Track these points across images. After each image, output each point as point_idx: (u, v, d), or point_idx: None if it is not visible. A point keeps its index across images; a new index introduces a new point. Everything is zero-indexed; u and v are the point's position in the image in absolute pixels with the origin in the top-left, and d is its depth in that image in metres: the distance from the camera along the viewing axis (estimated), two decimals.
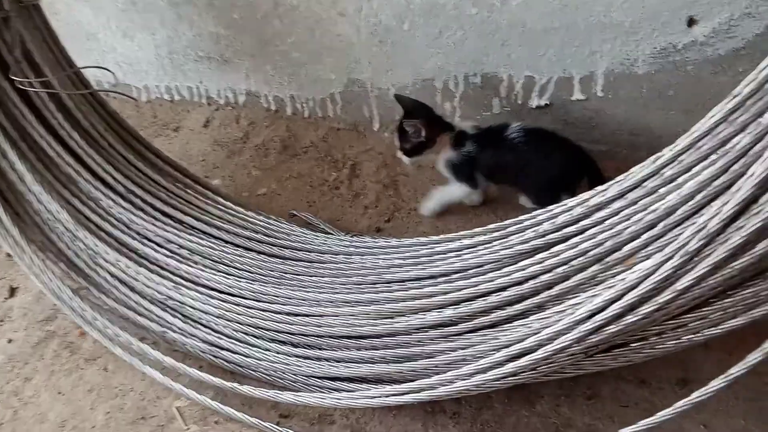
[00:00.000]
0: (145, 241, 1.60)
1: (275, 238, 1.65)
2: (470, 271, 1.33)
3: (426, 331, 1.30)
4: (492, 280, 1.27)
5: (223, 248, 1.60)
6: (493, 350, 1.20)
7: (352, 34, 1.98)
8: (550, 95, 1.87)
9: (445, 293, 1.30)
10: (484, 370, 1.18)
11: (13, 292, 1.82)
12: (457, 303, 1.29)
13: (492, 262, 1.32)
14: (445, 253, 1.43)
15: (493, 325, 1.25)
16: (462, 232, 1.48)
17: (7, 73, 1.64)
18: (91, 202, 1.63)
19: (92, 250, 1.57)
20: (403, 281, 1.41)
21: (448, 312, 1.28)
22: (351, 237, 1.68)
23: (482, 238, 1.40)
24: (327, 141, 2.24)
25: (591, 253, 1.17)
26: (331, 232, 1.79)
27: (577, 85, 1.82)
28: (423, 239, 1.53)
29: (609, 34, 1.70)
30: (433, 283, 1.36)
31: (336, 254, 1.58)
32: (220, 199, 1.76)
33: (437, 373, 1.24)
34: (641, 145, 1.86)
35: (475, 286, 1.28)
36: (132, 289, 1.55)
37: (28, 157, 1.62)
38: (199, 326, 1.50)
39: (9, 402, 1.52)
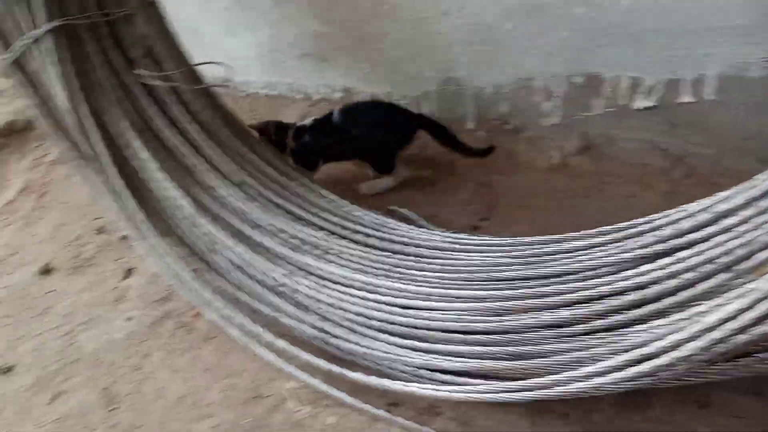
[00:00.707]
0: (260, 228, 1.68)
1: (381, 232, 1.70)
2: (585, 273, 1.34)
3: (539, 331, 1.32)
4: (610, 284, 1.27)
5: (332, 239, 1.66)
6: (612, 354, 1.20)
7: (452, 33, 2.01)
8: (657, 97, 1.84)
9: (560, 294, 1.31)
10: (603, 373, 1.18)
11: (128, 273, 1.94)
12: (572, 304, 1.30)
13: (608, 266, 1.32)
14: (553, 254, 1.44)
15: (610, 329, 1.25)
16: (569, 234, 1.48)
17: (132, 68, 1.75)
18: (209, 190, 1.72)
19: (210, 236, 1.66)
20: (512, 280, 1.42)
21: (564, 313, 1.29)
22: (453, 234, 1.70)
23: (595, 240, 1.40)
24: (421, 138, 2.27)
25: (719, 260, 1.16)
26: (430, 228, 1.82)
27: (687, 88, 1.79)
28: (528, 239, 1.54)
29: (723, 37, 1.66)
30: (544, 283, 1.37)
31: (442, 250, 1.61)
32: (325, 193, 1.83)
33: (551, 373, 1.25)
34: (750, 151, 1.81)
35: (592, 288, 1.28)
36: (247, 274, 1.63)
37: (152, 146, 1.73)
38: (311, 313, 1.56)
39: (131, 376, 1.63)
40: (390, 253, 1.62)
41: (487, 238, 1.64)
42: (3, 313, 1.87)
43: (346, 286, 1.57)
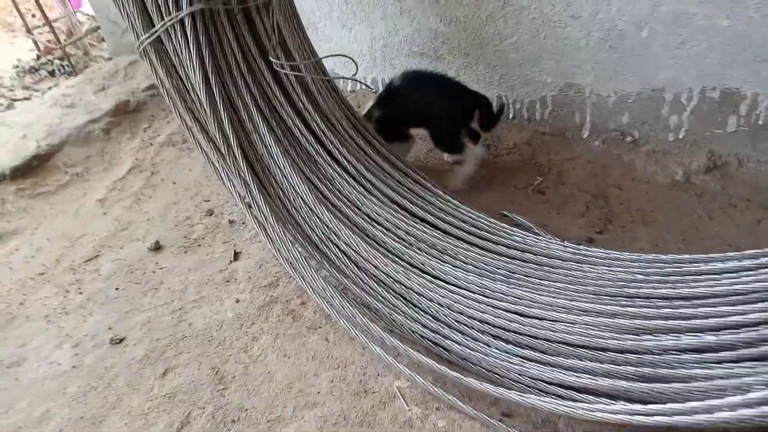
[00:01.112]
0: (375, 224, 1.67)
1: (497, 236, 1.66)
2: (732, 298, 1.25)
3: (679, 354, 1.24)
4: (764, 311, 1.18)
5: (448, 240, 1.64)
6: (764, 385, 1.12)
7: (580, 38, 1.94)
8: None
9: (706, 317, 1.23)
10: (751, 404, 1.10)
11: (237, 256, 1.97)
12: (719, 329, 1.22)
13: (759, 292, 1.23)
14: (696, 275, 1.36)
15: (763, 358, 1.16)
16: (712, 255, 1.40)
17: (266, 55, 1.78)
18: (327, 181, 1.73)
19: (327, 226, 1.67)
20: (649, 298, 1.35)
21: (709, 338, 1.21)
22: (577, 245, 1.64)
23: (743, 263, 1.31)
24: (531, 145, 2.22)
25: None
26: (546, 236, 1.77)
27: None
28: (665, 256, 1.47)
29: None
30: (687, 305, 1.29)
31: (563, 260, 1.55)
32: (440, 192, 1.80)
33: (689, 400, 1.18)
34: None
35: (743, 314, 1.20)
36: (360, 267, 1.63)
37: (276, 133, 1.75)
38: (423, 313, 1.54)
39: (239, 357, 1.65)
40: (508, 259, 1.58)
41: (615, 252, 1.57)
42: (114, 285, 1.94)
43: (462, 288, 1.53)
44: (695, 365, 1.22)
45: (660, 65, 1.85)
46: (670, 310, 1.28)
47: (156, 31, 1.71)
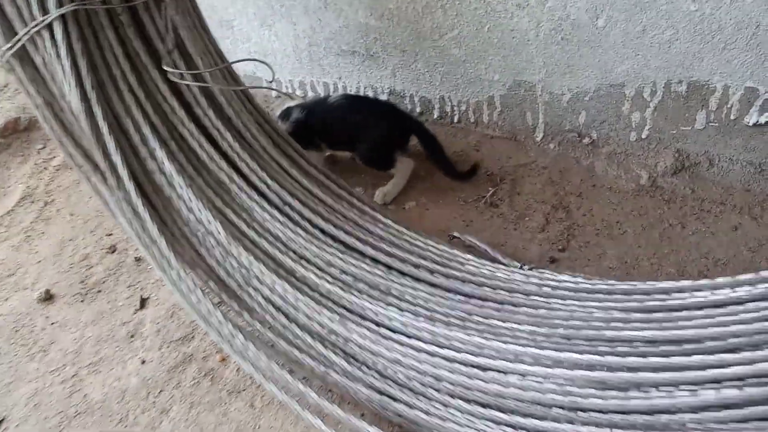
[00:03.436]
0: (304, 262, 1.39)
1: (448, 267, 1.41)
2: (733, 341, 1.04)
3: (673, 415, 1.02)
4: None
5: (392, 277, 1.38)
6: None
7: (529, 30, 1.71)
8: None
9: (702, 367, 1.02)
10: None
11: (144, 303, 1.66)
12: (719, 382, 1.01)
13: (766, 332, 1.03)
14: (685, 309, 1.15)
15: None
16: (702, 281, 1.19)
17: (160, 63, 1.47)
18: (245, 213, 1.44)
19: (246, 268, 1.38)
20: (631, 342, 1.13)
21: (708, 394, 1.00)
22: (538, 272, 1.41)
23: (739, 292, 1.11)
24: (479, 150, 1.98)
25: None
26: (504, 262, 1.53)
27: None
28: (644, 284, 1.25)
29: None
30: (678, 351, 1.07)
31: (528, 295, 1.32)
32: (380, 217, 1.54)
33: None
34: None
35: (749, 363, 0.99)
36: (289, 317, 1.35)
37: (178, 158, 1.45)
38: (367, 369, 1.28)
39: None
40: (463, 297, 1.33)
41: (585, 280, 1.35)
42: None
43: (411, 336, 1.28)
44: (695, 428, 1.01)
45: (619, 57, 1.64)
46: (659, 359, 1.06)
47: (19, 40, 1.37)
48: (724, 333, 1.05)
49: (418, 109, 2.09)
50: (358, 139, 1.84)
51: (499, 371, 1.18)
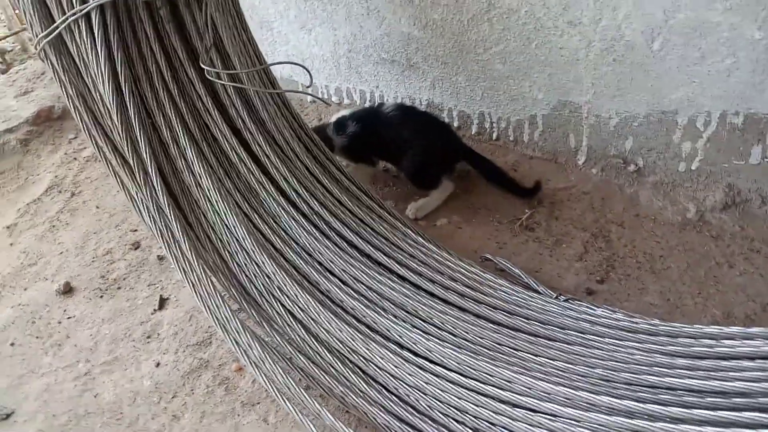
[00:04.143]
0: (329, 275, 1.34)
1: (479, 291, 1.34)
2: None
3: None
4: None
5: (420, 297, 1.31)
6: None
7: (579, 49, 1.64)
8: None
9: (761, 425, 0.93)
10: None
11: (163, 303, 1.62)
12: None
13: None
14: (734, 359, 1.06)
15: None
16: (753, 330, 1.10)
17: (197, 61, 1.43)
18: (272, 219, 1.39)
19: (269, 277, 1.33)
20: (673, 390, 1.05)
21: None
22: (576, 304, 1.33)
23: None
24: (517, 170, 1.91)
25: None
26: (539, 290, 1.46)
27: None
28: (691, 329, 1.17)
29: None
30: (726, 404, 0.99)
31: (564, 329, 1.24)
32: (410, 232, 1.48)
33: None
34: None
35: None
36: (310, 331, 1.29)
37: (208, 159, 1.41)
38: (387, 393, 1.21)
39: None
40: (494, 325, 1.26)
41: (626, 317, 1.26)
42: (10, 339, 1.57)
43: (436, 363, 1.21)
44: None
45: (674, 83, 1.56)
46: (705, 411, 0.98)
47: (56, 28, 1.35)
48: None
49: (456, 123, 2.03)
50: (407, 152, 1.76)
51: (528, 409, 1.10)
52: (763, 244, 1.57)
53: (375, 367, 1.23)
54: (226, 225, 1.35)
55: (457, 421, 1.14)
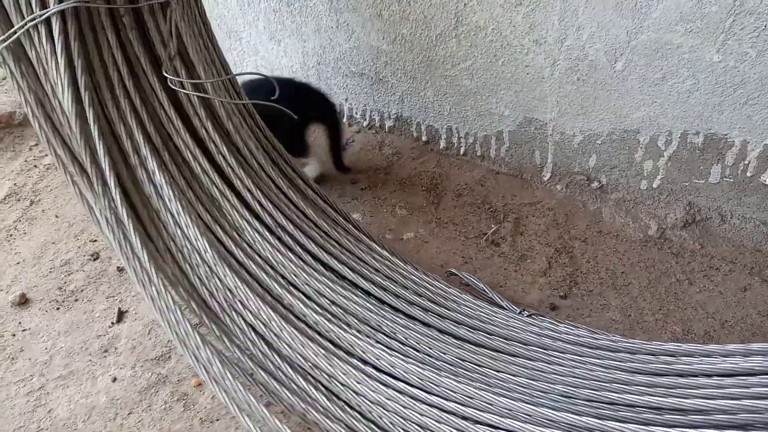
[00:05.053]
0: (292, 289, 1.32)
1: (443, 306, 1.34)
2: (743, 416, 0.97)
3: None
4: None
5: (384, 312, 1.30)
6: None
7: (544, 67, 1.66)
8: None
9: None
10: None
11: (121, 316, 1.58)
12: None
13: None
14: (692, 376, 1.07)
15: None
16: (725, 346, 1.12)
17: (160, 70, 1.41)
18: (235, 232, 1.37)
19: (230, 291, 1.30)
20: (634, 407, 1.06)
21: None
22: (538, 319, 1.34)
23: (752, 362, 1.03)
24: (484, 185, 1.92)
25: None
26: (503, 305, 1.46)
27: None
28: (650, 345, 1.18)
29: None
30: (685, 421, 1.00)
31: (527, 344, 1.24)
32: (377, 247, 1.47)
33: None
34: None
35: None
36: (272, 346, 1.27)
37: (170, 169, 1.38)
38: (349, 409, 1.20)
39: None
40: (456, 340, 1.26)
41: (588, 333, 1.28)
42: None
43: (398, 379, 1.20)
44: None
45: (635, 103, 1.59)
46: (662, 429, 0.98)
47: (14, 33, 1.31)
48: (735, 407, 0.98)
49: (424, 138, 2.04)
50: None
51: (489, 425, 1.10)
52: (722, 261, 1.61)
53: (337, 383, 1.22)
54: (187, 237, 1.33)
55: None
